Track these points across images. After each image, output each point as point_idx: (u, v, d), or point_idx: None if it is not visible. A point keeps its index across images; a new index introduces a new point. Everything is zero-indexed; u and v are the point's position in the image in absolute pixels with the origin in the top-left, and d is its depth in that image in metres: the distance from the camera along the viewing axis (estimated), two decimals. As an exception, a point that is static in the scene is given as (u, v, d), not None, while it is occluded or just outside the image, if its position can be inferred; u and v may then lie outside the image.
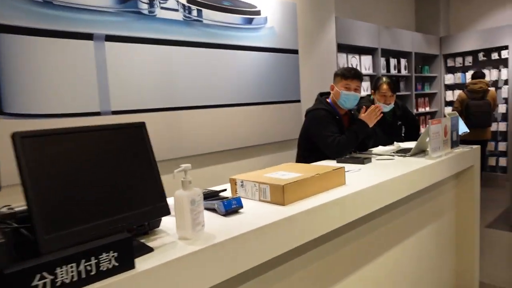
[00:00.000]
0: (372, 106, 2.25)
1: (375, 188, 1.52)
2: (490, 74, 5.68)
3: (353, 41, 4.36)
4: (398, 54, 5.37)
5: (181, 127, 2.83)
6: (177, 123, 2.80)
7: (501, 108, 5.59)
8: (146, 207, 0.94)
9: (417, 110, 5.73)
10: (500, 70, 5.62)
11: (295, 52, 3.66)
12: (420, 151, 2.21)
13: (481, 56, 5.76)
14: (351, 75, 2.26)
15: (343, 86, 2.26)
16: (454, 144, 2.23)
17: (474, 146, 2.42)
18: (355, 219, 1.43)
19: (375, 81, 2.83)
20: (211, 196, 1.35)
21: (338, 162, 2.09)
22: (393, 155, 2.18)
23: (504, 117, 5.64)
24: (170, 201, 1.00)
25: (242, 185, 1.41)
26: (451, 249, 2.42)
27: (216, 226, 1.07)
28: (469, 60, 5.90)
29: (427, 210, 2.14)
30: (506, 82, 5.58)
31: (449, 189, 2.35)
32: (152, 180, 0.97)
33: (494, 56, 5.61)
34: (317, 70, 3.94)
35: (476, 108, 4.68)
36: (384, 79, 2.74)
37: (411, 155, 2.13)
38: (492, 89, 5.02)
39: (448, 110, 6.07)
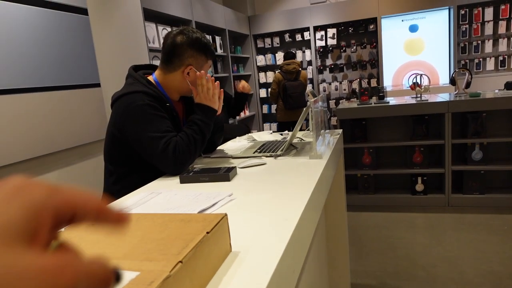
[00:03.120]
0: (205, 80, 1.43)
1: (292, 247, 0.72)
2: (296, 55, 5.82)
3: (162, 8, 3.45)
4: (213, 31, 4.79)
5: None
6: None
7: (308, 88, 5.83)
8: None
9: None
10: (304, 52, 5.83)
11: (83, 11, 2.47)
12: (289, 146, 1.57)
13: (287, 37, 5.83)
14: (214, 52, 1.52)
15: (207, 68, 1.48)
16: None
17: (336, 130, 1.96)
18: None
19: None
20: None
21: (182, 181, 1.20)
22: (259, 156, 1.46)
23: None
24: None
25: None
26: (324, 255, 1.93)
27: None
28: (276, 41, 5.90)
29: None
30: (309, 63, 5.84)
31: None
32: None
33: (298, 37, 5.77)
34: (121, 43, 2.86)
35: (293, 90, 4.59)
36: None
37: (283, 154, 1.46)
38: (304, 70, 5.06)
39: (263, 92, 5.99)
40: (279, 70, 4.68)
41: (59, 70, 2.27)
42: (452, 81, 3.49)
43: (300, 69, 4.67)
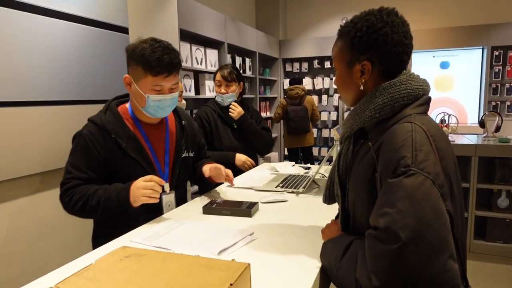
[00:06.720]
0: (153, 184, 1.15)
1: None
2: (323, 82, 5.86)
3: (197, 29, 3.57)
4: (244, 53, 4.89)
5: None
6: None
7: (333, 115, 5.85)
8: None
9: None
10: (332, 79, 5.85)
11: (124, 30, 2.59)
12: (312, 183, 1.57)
13: (316, 64, 5.88)
14: (165, 68, 1.21)
15: (152, 86, 1.23)
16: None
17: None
18: None
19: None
20: None
21: (205, 212, 1.22)
22: (281, 191, 1.47)
23: (335, 124, 5.92)
24: None
25: None
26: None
27: None
28: (305, 66, 5.96)
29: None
30: (336, 90, 5.85)
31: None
32: None
33: (327, 64, 5.81)
34: (155, 60, 2.97)
35: (294, 114, 4.63)
36: None
37: (304, 191, 1.47)
38: (310, 96, 4.97)
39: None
40: (285, 96, 4.75)
41: (93, 82, 2.36)
42: (482, 124, 3.42)
43: (305, 93, 4.69)
